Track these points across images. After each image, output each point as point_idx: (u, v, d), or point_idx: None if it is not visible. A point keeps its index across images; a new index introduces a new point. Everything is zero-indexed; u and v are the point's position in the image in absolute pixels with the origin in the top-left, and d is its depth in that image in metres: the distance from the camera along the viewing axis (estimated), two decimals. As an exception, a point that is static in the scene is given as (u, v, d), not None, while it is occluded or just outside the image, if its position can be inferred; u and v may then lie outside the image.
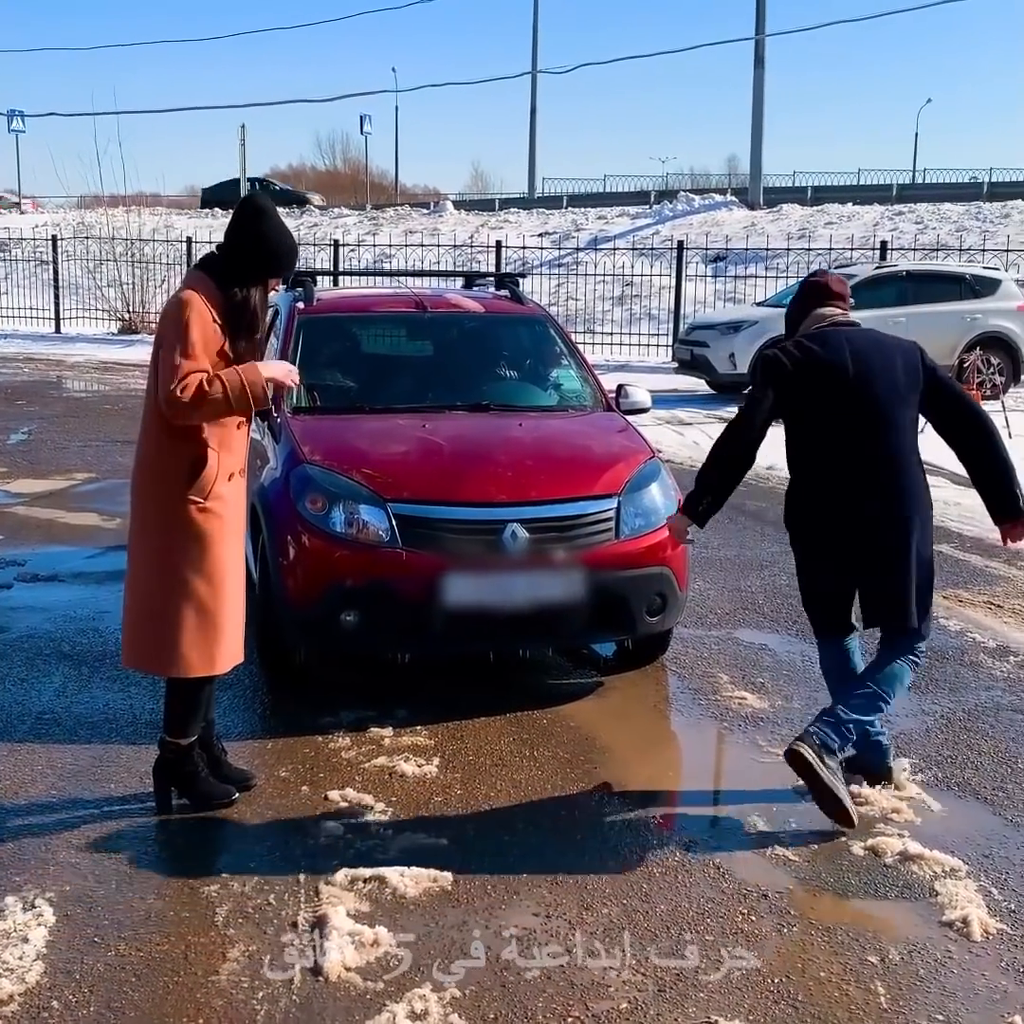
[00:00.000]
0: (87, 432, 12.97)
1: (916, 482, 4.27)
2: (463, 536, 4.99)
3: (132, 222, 25.96)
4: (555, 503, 5.13)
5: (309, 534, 5.04)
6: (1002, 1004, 3.19)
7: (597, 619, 5.15)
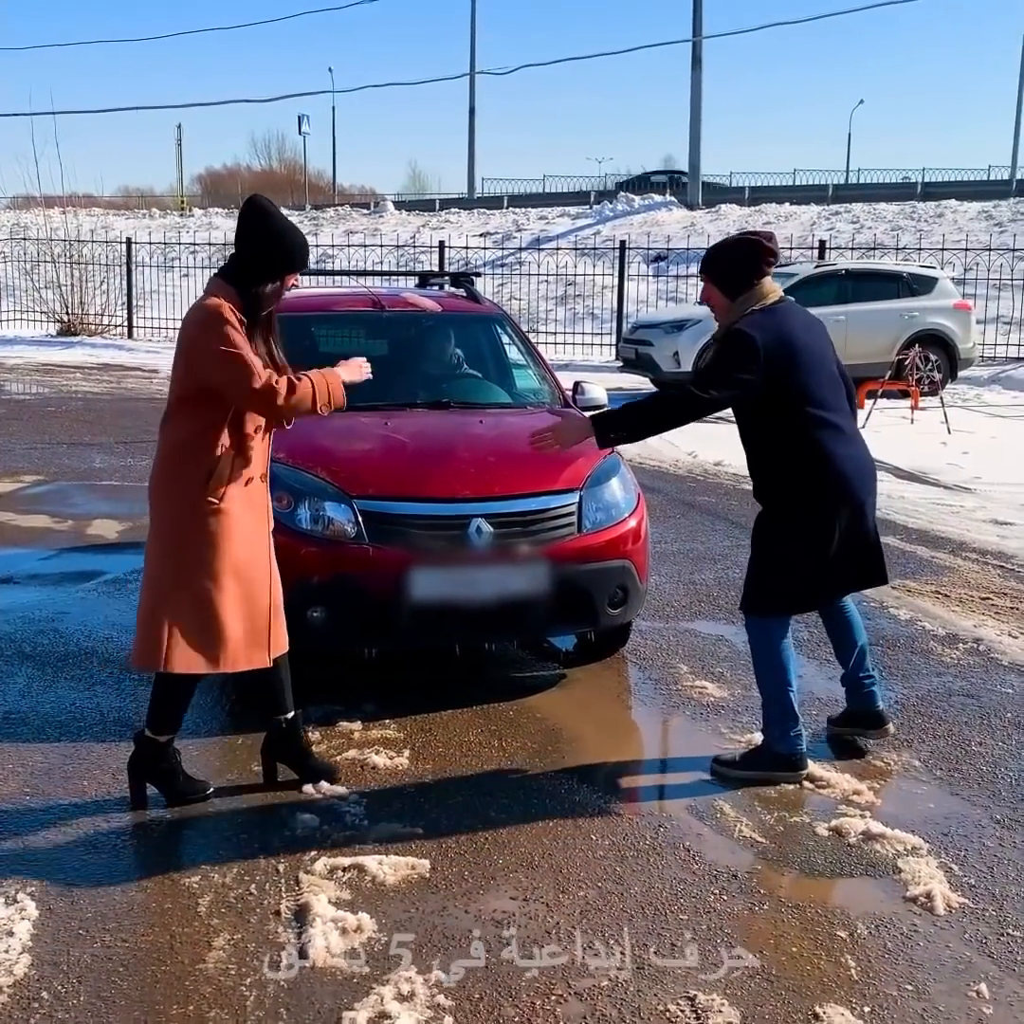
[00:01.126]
0: (31, 434, 12.86)
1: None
2: (428, 531, 5.05)
3: (69, 223, 25.68)
4: (518, 498, 5.21)
5: (275, 531, 5.07)
6: (967, 974, 3.32)
7: (560, 612, 5.23)
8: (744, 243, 4.55)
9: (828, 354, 4.54)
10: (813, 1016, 3.10)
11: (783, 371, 4.31)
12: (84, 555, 7.87)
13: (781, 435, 4.41)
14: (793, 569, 4.47)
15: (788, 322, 4.41)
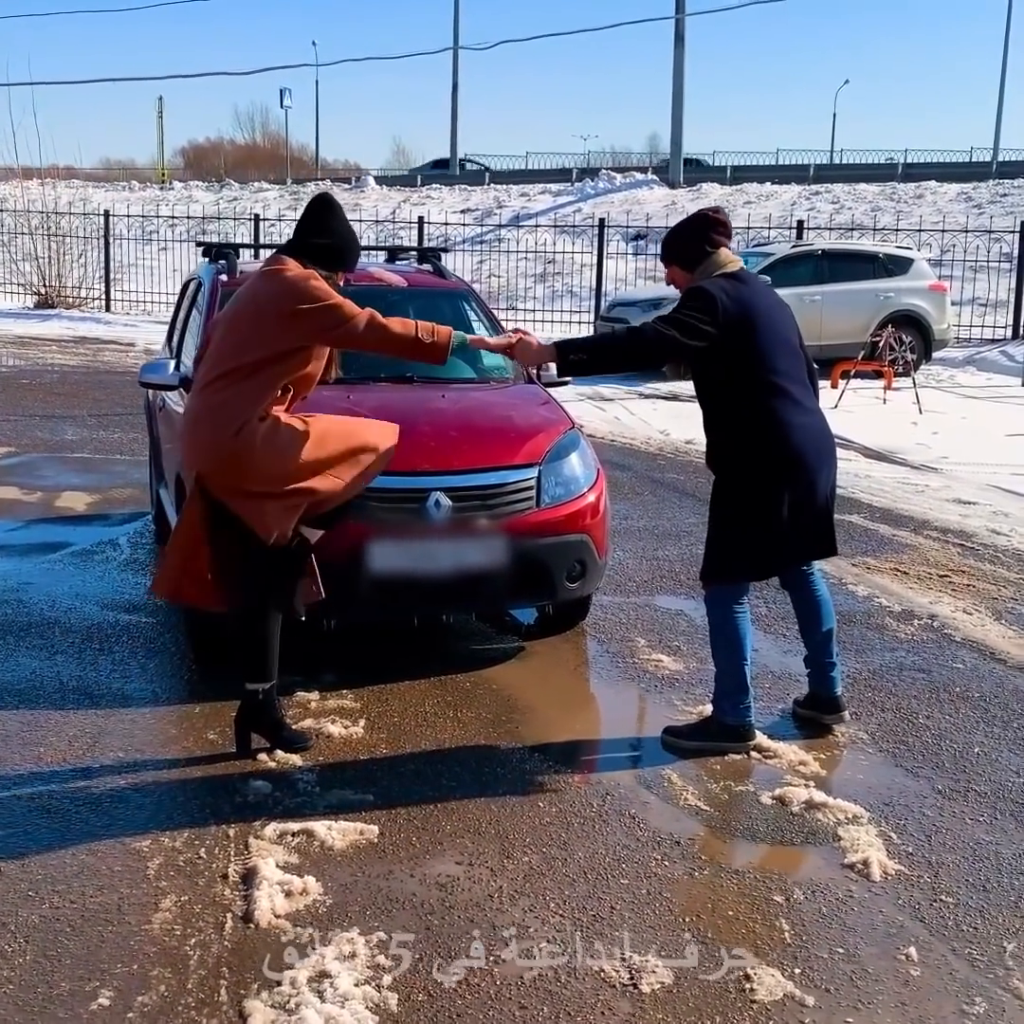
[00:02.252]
0: (4, 407, 12.85)
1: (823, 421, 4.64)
2: (387, 504, 5.08)
3: (47, 195, 25.55)
4: (477, 472, 5.25)
5: None
6: (898, 938, 3.40)
7: (518, 585, 5.29)
8: (691, 219, 4.68)
9: (788, 325, 4.60)
10: (745, 977, 3.17)
11: (741, 332, 4.38)
12: (52, 527, 7.90)
13: (737, 401, 4.47)
14: (743, 536, 4.53)
15: (748, 288, 4.49)
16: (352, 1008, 2.99)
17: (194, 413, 4.35)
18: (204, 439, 4.26)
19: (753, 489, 4.48)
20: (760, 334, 4.43)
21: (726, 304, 4.35)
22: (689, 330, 4.32)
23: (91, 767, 4.35)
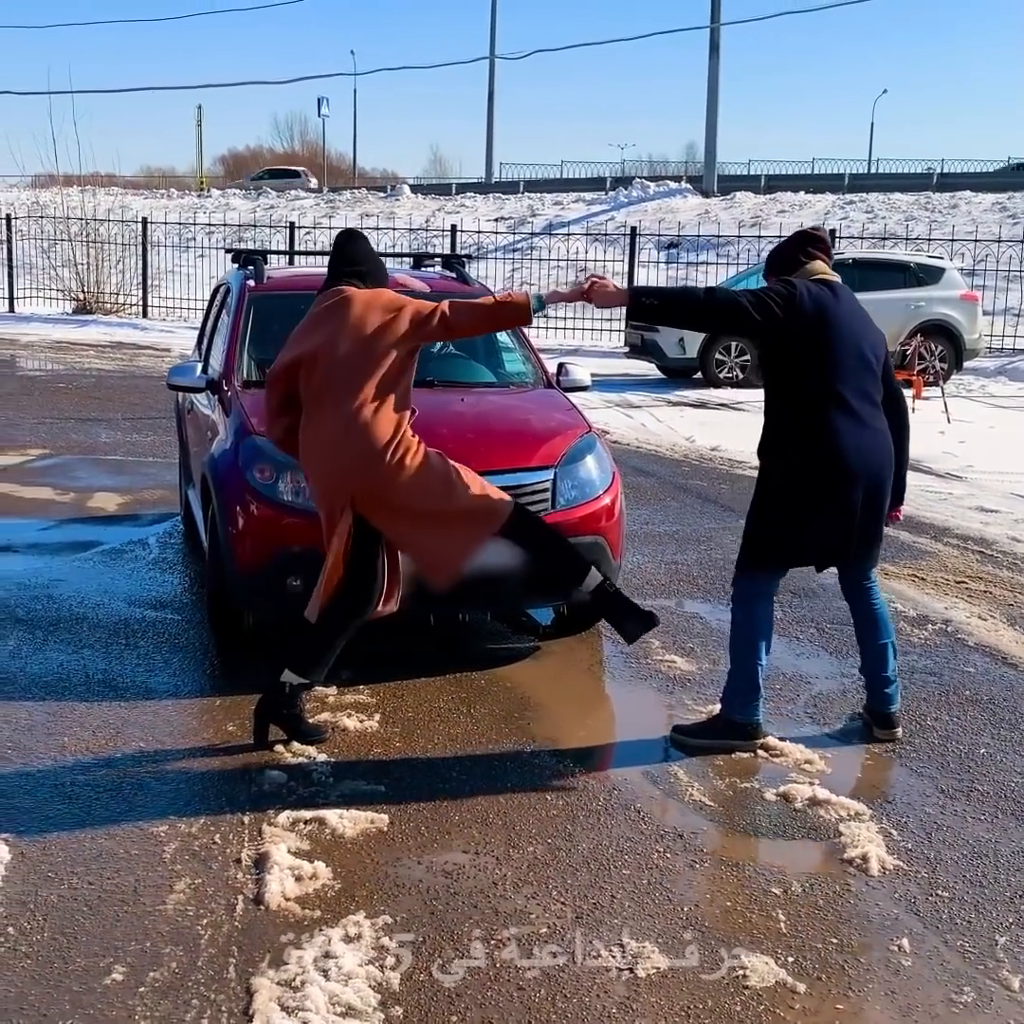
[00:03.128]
0: (41, 410, 13.08)
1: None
2: None
3: (87, 202, 25.94)
4: (493, 474, 5.30)
5: (257, 502, 5.24)
6: (892, 930, 3.47)
7: (534, 585, 5.37)
8: (793, 235, 4.89)
9: (868, 341, 4.60)
10: (739, 965, 3.25)
11: (811, 330, 4.45)
12: (83, 526, 8.06)
13: (795, 398, 4.55)
14: (768, 523, 4.62)
15: (832, 296, 4.55)
16: (355, 986, 3.10)
17: (338, 436, 4.46)
18: (362, 459, 4.42)
19: (789, 482, 4.56)
20: (831, 339, 4.48)
21: (804, 297, 4.45)
22: (760, 304, 4.42)
23: (113, 756, 4.48)
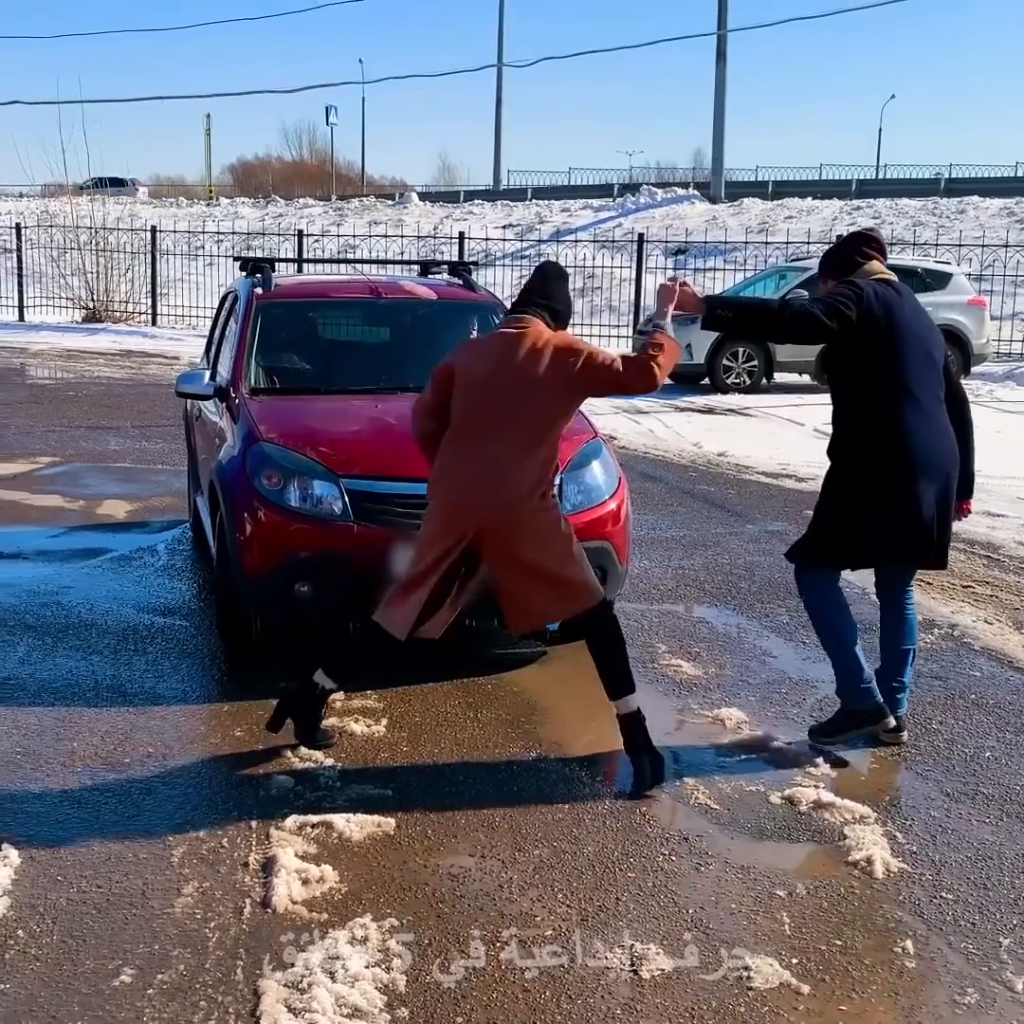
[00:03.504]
0: (51, 418, 13.13)
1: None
2: (412, 510, 5.16)
3: (96, 211, 25.99)
4: None
5: (265, 508, 5.27)
6: (896, 932, 3.49)
7: None
8: (847, 236, 5.00)
9: (930, 339, 4.67)
10: (743, 967, 3.27)
11: (880, 329, 4.49)
12: (92, 533, 8.10)
13: (866, 397, 4.57)
14: (840, 523, 4.64)
15: (896, 295, 4.59)
16: (361, 988, 3.12)
17: (482, 467, 4.40)
18: (503, 497, 4.38)
19: (860, 481, 4.58)
20: (899, 337, 4.52)
21: (871, 298, 4.49)
22: (832, 311, 4.45)
23: (122, 761, 4.51)
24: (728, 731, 4.89)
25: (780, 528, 8.48)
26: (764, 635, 6.13)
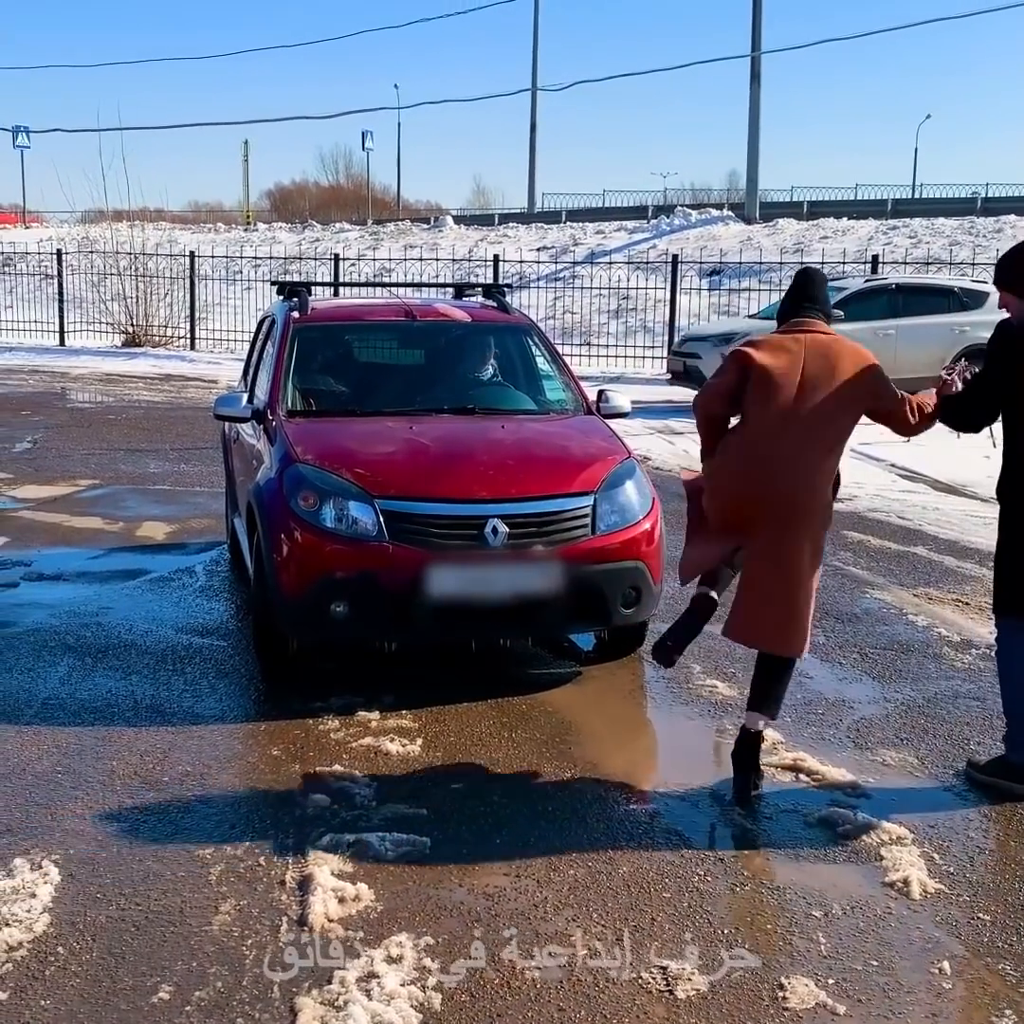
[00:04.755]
0: (91, 441, 13.27)
1: None
2: (446, 531, 5.25)
3: (136, 237, 26.29)
4: (534, 500, 5.41)
5: (301, 529, 5.32)
6: (933, 953, 3.47)
7: (574, 610, 5.43)
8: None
9: None
10: (779, 986, 3.27)
11: None
12: (132, 555, 8.18)
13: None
14: (1002, 566, 4.65)
15: None
16: (397, 1006, 3.14)
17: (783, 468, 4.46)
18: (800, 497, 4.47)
19: (1011, 518, 4.57)
20: None
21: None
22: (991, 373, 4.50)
23: (160, 780, 4.55)
24: (764, 752, 4.85)
25: (816, 548, 8.45)
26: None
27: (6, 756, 4.74)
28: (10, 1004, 3.16)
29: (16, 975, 3.29)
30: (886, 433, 4.83)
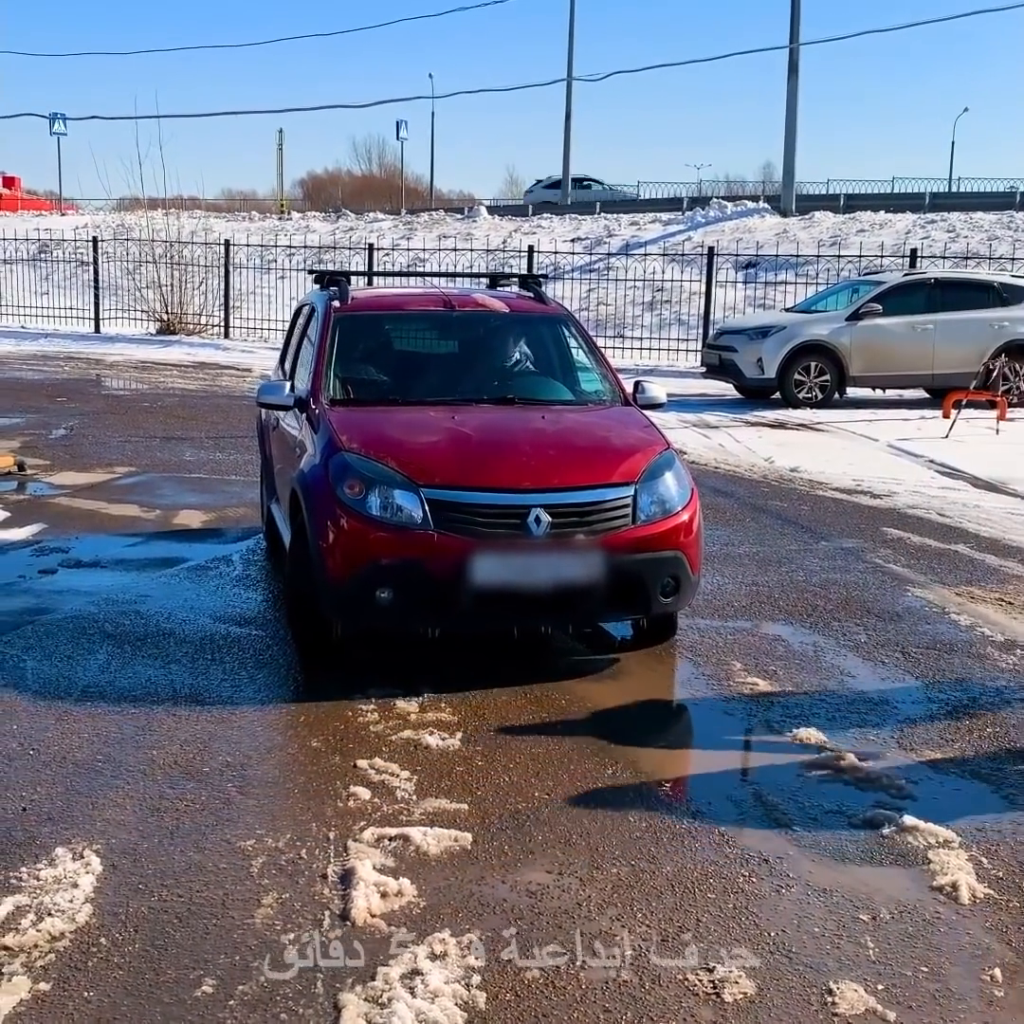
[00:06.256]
0: (126, 428, 13.32)
1: None
2: (490, 519, 5.29)
3: (171, 224, 26.39)
4: (576, 490, 5.44)
5: (347, 517, 5.36)
6: (983, 960, 3.41)
7: (614, 599, 5.48)
8: None
9: None
10: (827, 991, 3.22)
11: None
12: (168, 543, 8.19)
13: None
14: None
15: None
16: (442, 1004, 3.11)
17: None
18: None
19: None
20: None
21: None
22: None
23: (200, 770, 4.54)
24: (808, 751, 4.82)
25: (855, 545, 8.38)
26: (841, 654, 6.05)
27: (47, 744, 4.74)
28: (53, 995, 3.15)
29: (59, 966, 3.28)
30: (924, 429, 4.78)
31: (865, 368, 16.16)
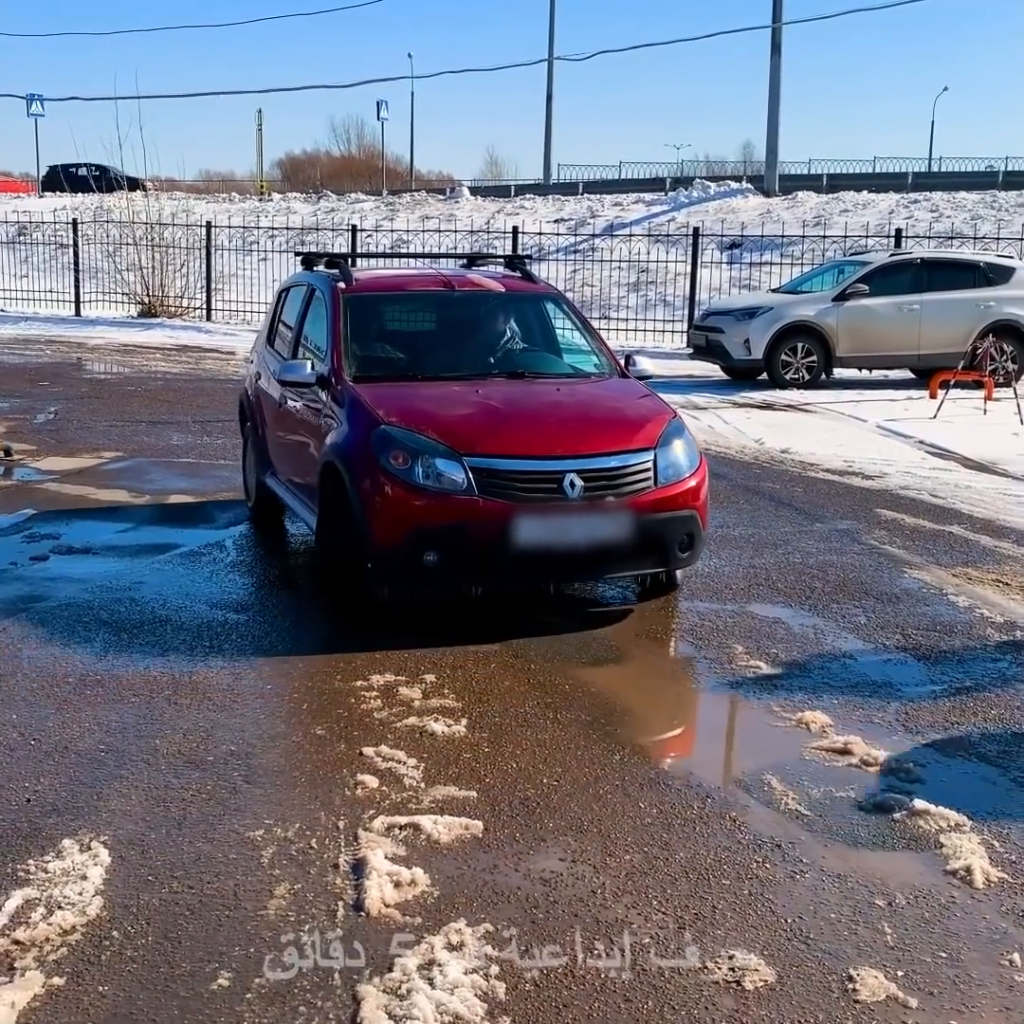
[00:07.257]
0: (111, 412, 13.21)
1: None
2: (529, 485, 5.70)
3: (151, 206, 26.13)
4: (605, 456, 5.88)
5: (394, 485, 5.68)
6: (1001, 944, 3.40)
7: (639, 555, 5.94)
8: None
9: None
10: (847, 978, 3.21)
11: None
12: (160, 528, 8.13)
13: None
14: None
15: None
16: (461, 995, 3.08)
17: None
18: None
19: None
20: None
21: None
22: None
23: (204, 759, 4.49)
24: (813, 735, 4.80)
25: (850, 527, 8.37)
26: (842, 636, 6.04)
27: (48, 734, 4.69)
28: (68, 990, 3.11)
29: (72, 960, 3.24)
30: (911, 409, 4.78)
31: (852, 348, 16.14)
